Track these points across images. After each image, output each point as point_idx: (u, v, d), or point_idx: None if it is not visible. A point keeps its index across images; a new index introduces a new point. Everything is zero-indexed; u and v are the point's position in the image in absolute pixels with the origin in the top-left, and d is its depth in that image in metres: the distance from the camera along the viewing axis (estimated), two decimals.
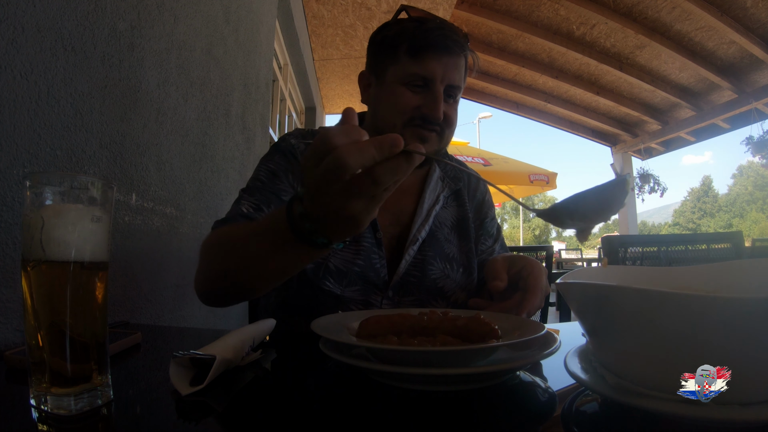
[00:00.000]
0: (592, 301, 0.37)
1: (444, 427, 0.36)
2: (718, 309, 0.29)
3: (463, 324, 0.47)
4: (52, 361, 0.35)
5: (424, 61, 0.78)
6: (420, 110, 0.78)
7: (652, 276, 0.51)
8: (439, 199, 0.89)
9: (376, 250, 0.81)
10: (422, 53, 0.78)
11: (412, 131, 0.79)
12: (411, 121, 0.79)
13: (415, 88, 0.79)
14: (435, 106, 0.77)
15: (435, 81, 0.78)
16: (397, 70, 0.80)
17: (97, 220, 0.38)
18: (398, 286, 0.82)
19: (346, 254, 0.80)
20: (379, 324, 0.48)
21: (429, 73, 0.78)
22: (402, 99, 0.79)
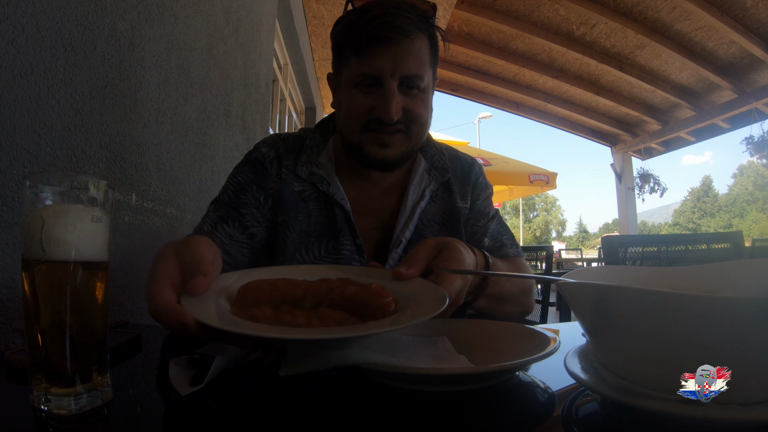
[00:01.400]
0: (592, 301, 0.37)
1: (441, 428, 0.36)
2: (718, 309, 0.29)
3: (353, 294, 0.43)
4: (52, 361, 0.35)
5: (369, 57, 0.70)
6: (374, 112, 0.71)
7: (652, 276, 0.51)
8: (425, 194, 0.82)
9: (357, 257, 0.78)
10: (366, 49, 0.70)
11: (369, 137, 0.74)
12: (367, 126, 0.73)
13: (366, 89, 0.72)
14: (386, 106, 0.70)
15: (384, 77, 0.70)
16: (347, 72, 0.74)
17: (97, 220, 0.38)
18: None
19: (326, 264, 0.77)
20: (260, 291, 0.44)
21: (376, 70, 0.70)
22: (354, 103, 0.73)
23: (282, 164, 0.82)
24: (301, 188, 0.81)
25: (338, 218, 0.79)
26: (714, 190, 39.31)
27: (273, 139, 0.86)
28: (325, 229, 0.79)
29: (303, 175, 0.81)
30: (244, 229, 0.78)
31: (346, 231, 0.79)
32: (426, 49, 0.74)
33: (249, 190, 0.80)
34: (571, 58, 5.74)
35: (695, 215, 38.63)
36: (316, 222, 0.80)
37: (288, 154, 0.83)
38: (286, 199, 0.79)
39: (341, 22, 0.76)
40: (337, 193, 0.80)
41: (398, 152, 0.75)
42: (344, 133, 0.78)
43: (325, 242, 0.78)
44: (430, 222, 0.83)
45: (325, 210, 0.80)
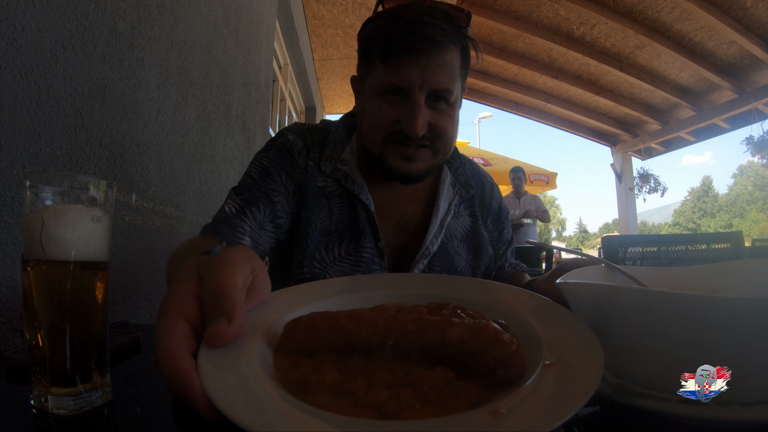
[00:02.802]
0: (592, 301, 0.37)
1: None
2: (718, 309, 0.29)
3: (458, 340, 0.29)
4: (52, 361, 0.35)
5: (398, 67, 0.66)
6: (399, 125, 0.68)
7: (652, 276, 0.51)
8: (450, 208, 0.82)
9: (377, 260, 0.75)
10: (394, 58, 0.66)
11: (393, 149, 0.70)
12: (390, 138, 0.69)
13: (392, 99, 0.68)
14: (412, 121, 0.66)
15: (412, 89, 0.66)
16: (373, 79, 0.70)
17: (97, 220, 0.38)
18: None
19: (345, 266, 0.75)
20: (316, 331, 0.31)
21: (403, 81, 0.66)
22: (379, 113, 0.69)
23: (309, 156, 0.78)
24: (324, 183, 0.78)
25: (361, 219, 0.76)
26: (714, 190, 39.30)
27: (299, 128, 0.82)
28: (347, 229, 0.76)
29: (327, 170, 0.78)
30: (273, 218, 0.73)
31: (369, 233, 0.76)
32: (457, 62, 0.69)
33: (277, 176, 0.75)
34: (571, 58, 5.73)
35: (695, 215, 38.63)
36: (338, 221, 0.76)
37: (314, 146, 0.79)
38: (309, 194, 0.76)
39: (370, 24, 0.72)
40: (362, 192, 0.77)
41: (423, 167, 0.72)
42: (366, 142, 0.75)
43: (346, 243, 0.75)
44: (452, 237, 0.81)
45: (347, 209, 0.77)
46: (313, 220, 0.75)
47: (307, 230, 0.74)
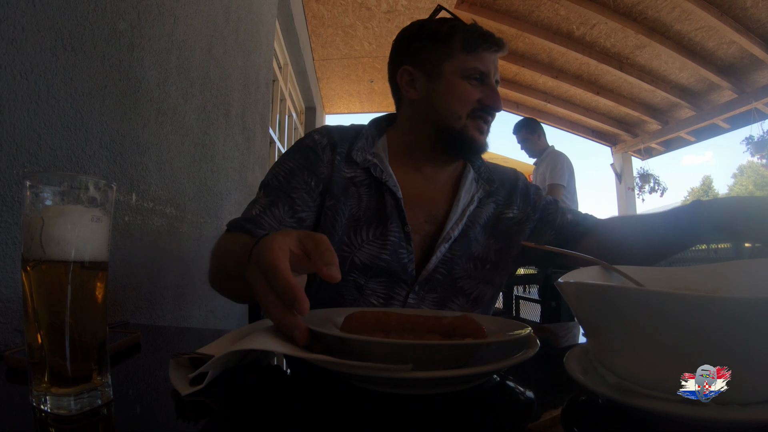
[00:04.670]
0: (592, 301, 0.37)
1: (433, 429, 0.36)
2: (718, 309, 0.29)
3: (449, 322, 0.47)
4: (52, 361, 0.35)
5: (482, 56, 0.83)
6: (481, 101, 0.83)
7: (653, 276, 0.51)
8: (473, 200, 0.89)
9: (404, 244, 0.81)
10: (477, 50, 0.83)
11: (473, 122, 0.84)
12: (473, 113, 0.84)
13: (473, 82, 0.83)
14: (497, 97, 0.84)
15: (490, 75, 0.84)
16: (453, 65, 0.84)
17: (97, 220, 0.38)
18: (424, 282, 0.82)
19: (372, 248, 0.80)
20: (365, 320, 0.47)
21: (486, 68, 0.83)
22: (465, 92, 0.83)
23: (335, 151, 0.86)
24: (353, 174, 0.86)
25: (388, 205, 0.83)
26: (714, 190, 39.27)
27: (326, 129, 0.91)
28: (374, 214, 0.83)
29: (358, 159, 0.86)
30: (293, 213, 0.80)
31: (396, 218, 0.82)
32: None
33: (300, 175, 0.83)
34: (571, 58, 5.73)
35: None
36: (366, 207, 0.83)
37: (342, 142, 0.88)
38: (336, 185, 0.83)
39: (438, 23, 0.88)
40: (389, 179, 0.84)
41: (485, 138, 0.87)
42: (445, 119, 0.85)
43: (373, 227, 0.82)
44: (474, 224, 0.88)
45: (375, 196, 0.84)
46: (340, 208, 0.82)
47: (335, 217, 0.82)
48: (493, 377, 0.45)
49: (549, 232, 0.94)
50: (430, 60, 0.86)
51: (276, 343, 0.41)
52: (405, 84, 0.89)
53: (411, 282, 0.81)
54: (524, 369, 0.50)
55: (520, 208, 0.94)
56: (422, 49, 0.87)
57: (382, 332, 0.46)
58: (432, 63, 0.86)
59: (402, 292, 0.81)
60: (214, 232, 1.47)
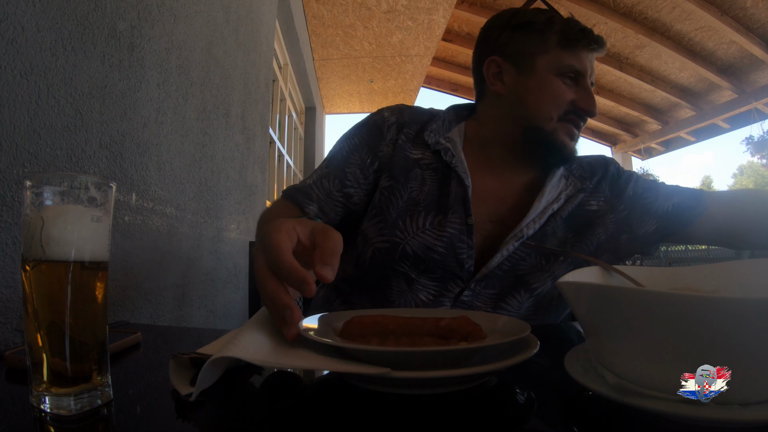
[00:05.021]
0: (592, 301, 0.37)
1: (433, 429, 0.36)
2: (718, 309, 0.29)
3: (446, 324, 0.46)
4: (52, 361, 0.35)
5: (578, 53, 0.76)
6: (575, 104, 0.76)
7: (653, 276, 0.51)
8: (560, 197, 0.80)
9: (465, 238, 0.75)
10: (576, 46, 0.76)
11: (564, 126, 0.77)
12: (565, 115, 0.77)
13: (567, 81, 0.77)
14: (591, 100, 0.77)
15: (585, 75, 0.77)
16: (548, 60, 0.77)
17: (97, 220, 0.38)
18: (482, 279, 0.76)
19: (427, 238, 0.75)
20: (363, 324, 0.47)
21: (582, 67, 0.76)
22: (560, 91, 0.76)
23: (401, 131, 0.82)
24: (421, 155, 0.81)
25: (452, 193, 0.77)
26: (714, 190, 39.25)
27: (398, 107, 0.87)
28: (435, 201, 0.77)
29: (429, 141, 0.81)
30: (342, 187, 0.79)
31: (459, 208, 0.76)
32: None
33: (359, 151, 0.81)
34: None
35: None
36: (428, 192, 0.78)
37: (411, 123, 0.84)
38: (397, 165, 0.80)
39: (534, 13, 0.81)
40: (459, 165, 0.78)
41: (574, 144, 0.80)
42: (536, 119, 0.78)
43: (431, 215, 0.76)
44: (555, 217, 0.80)
45: (440, 182, 0.79)
46: (399, 189, 0.78)
47: (390, 198, 0.78)
48: (492, 377, 0.45)
49: (649, 221, 0.83)
50: (522, 52, 0.79)
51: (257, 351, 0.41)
52: (491, 76, 0.82)
53: (467, 278, 0.76)
54: (524, 369, 0.50)
55: (606, 198, 0.84)
56: (514, 40, 0.80)
57: (380, 336, 0.46)
58: (524, 56, 0.79)
59: (455, 288, 0.76)
60: (214, 232, 1.47)
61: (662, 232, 0.83)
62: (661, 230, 0.83)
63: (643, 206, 0.83)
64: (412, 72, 5.30)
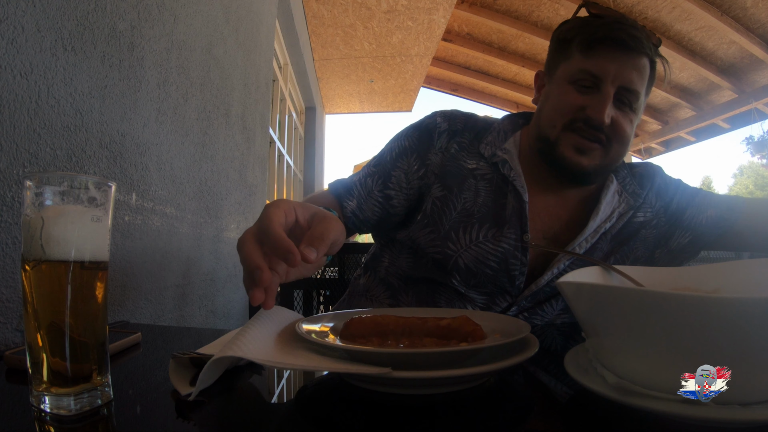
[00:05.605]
0: (592, 301, 0.37)
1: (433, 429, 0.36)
2: (718, 309, 0.29)
3: (446, 324, 0.46)
4: (52, 361, 0.35)
5: (595, 56, 0.69)
6: (584, 112, 0.69)
7: (653, 276, 0.51)
8: (613, 215, 0.77)
9: (519, 254, 0.73)
10: (593, 48, 0.70)
11: (570, 137, 0.71)
12: (572, 124, 0.71)
13: (583, 88, 0.71)
14: (600, 107, 0.68)
15: (605, 80, 0.69)
16: (566, 67, 0.73)
17: (97, 220, 0.38)
18: (530, 295, 0.74)
19: (481, 252, 0.73)
20: (363, 325, 0.47)
21: (599, 70, 0.69)
22: (566, 98, 0.71)
23: (453, 139, 0.80)
24: (475, 166, 0.79)
25: (509, 207, 0.75)
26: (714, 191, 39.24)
27: (453, 113, 0.84)
28: (490, 213, 0.75)
29: (486, 154, 0.79)
30: (383, 188, 0.79)
31: (515, 223, 0.74)
32: (647, 72, 0.72)
33: (408, 155, 0.80)
34: None
35: None
36: (483, 204, 0.76)
37: (465, 132, 0.81)
38: (450, 174, 0.78)
39: (572, 21, 0.77)
40: (517, 179, 0.75)
41: (593, 164, 0.72)
42: (543, 128, 0.75)
43: (486, 228, 0.74)
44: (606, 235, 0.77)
45: (495, 194, 0.76)
46: (452, 200, 0.76)
47: (443, 209, 0.76)
48: (492, 377, 0.45)
49: (683, 234, 0.79)
50: (553, 62, 0.77)
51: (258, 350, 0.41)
52: (537, 89, 0.82)
53: (516, 294, 0.74)
54: (524, 369, 0.50)
55: (653, 209, 0.80)
56: (552, 51, 0.79)
57: (380, 337, 0.46)
58: (553, 65, 0.77)
59: (503, 303, 0.74)
60: (214, 232, 1.47)
61: (696, 245, 0.80)
62: (694, 243, 0.80)
63: (682, 220, 0.80)
64: (412, 72, 5.30)
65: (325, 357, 0.42)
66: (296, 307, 1.29)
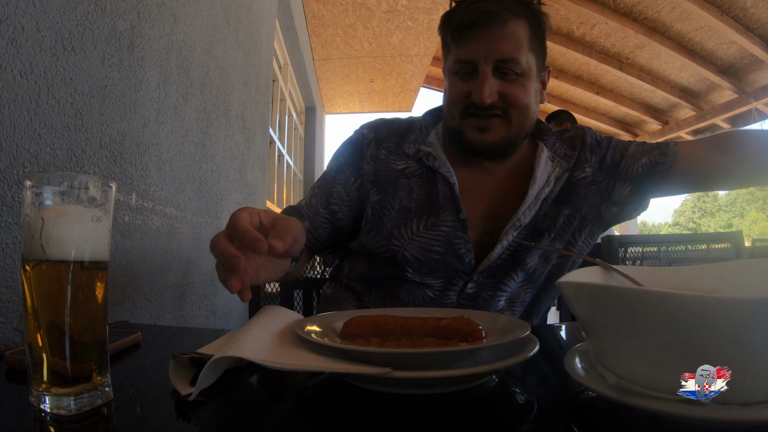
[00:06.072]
0: (592, 301, 0.37)
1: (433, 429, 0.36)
2: (718, 309, 0.29)
3: (446, 324, 0.47)
4: (52, 361, 0.35)
5: (463, 43, 0.73)
6: (470, 97, 0.73)
7: (653, 276, 0.51)
8: (550, 180, 0.79)
9: (460, 233, 0.76)
10: (461, 36, 0.73)
11: (468, 121, 0.76)
12: (465, 110, 0.75)
13: (465, 75, 0.74)
14: (479, 89, 0.71)
15: (478, 61, 0.72)
16: (449, 61, 0.77)
17: (97, 220, 0.38)
18: (484, 270, 0.77)
19: (423, 240, 0.76)
20: (362, 325, 0.47)
21: (469, 55, 0.72)
22: (453, 89, 0.76)
23: (381, 146, 0.84)
24: (405, 166, 0.83)
25: (441, 193, 0.78)
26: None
27: (377, 123, 0.89)
28: (425, 205, 0.79)
29: (410, 152, 0.83)
30: (327, 205, 0.83)
31: (449, 205, 0.78)
32: (523, 33, 0.72)
33: (345, 170, 0.84)
34: (571, 58, 5.73)
35: (695, 215, 38.62)
36: (418, 198, 0.80)
37: (390, 136, 0.86)
38: (383, 178, 0.82)
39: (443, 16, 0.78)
40: (442, 166, 0.79)
41: (498, 137, 0.76)
42: (447, 120, 0.81)
43: (424, 218, 0.78)
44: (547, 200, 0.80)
45: (427, 186, 0.80)
46: (389, 201, 0.80)
47: (382, 211, 0.80)
48: (492, 377, 0.45)
49: (624, 185, 0.82)
50: (444, 59, 0.81)
51: (258, 350, 0.41)
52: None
53: (470, 272, 0.77)
54: (524, 369, 0.50)
55: (590, 165, 0.82)
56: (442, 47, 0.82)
57: (380, 337, 0.46)
58: (444, 62, 0.81)
59: (459, 282, 0.77)
60: (214, 232, 1.47)
61: (638, 194, 0.83)
62: (636, 192, 0.82)
63: (619, 171, 0.82)
64: (412, 72, 5.30)
65: (325, 357, 0.42)
66: (296, 307, 1.29)
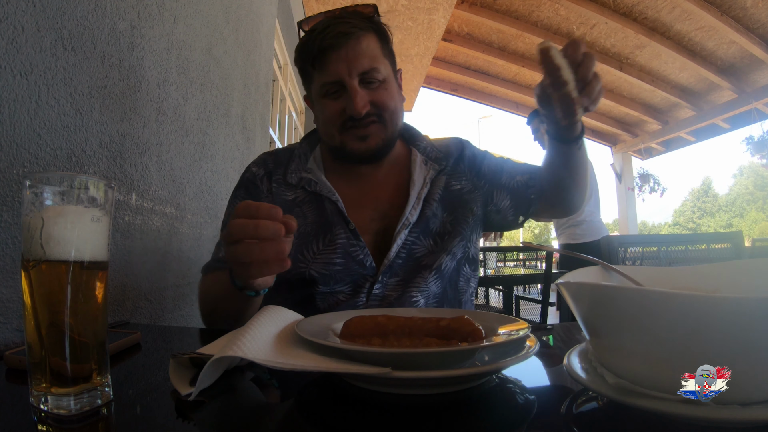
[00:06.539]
0: (592, 301, 0.37)
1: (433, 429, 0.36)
2: (718, 309, 0.29)
3: (446, 324, 0.47)
4: (52, 361, 0.35)
5: (325, 67, 0.79)
6: (345, 113, 0.80)
7: (653, 276, 0.51)
8: (426, 181, 0.88)
9: (354, 241, 0.82)
10: (321, 61, 0.79)
11: (349, 135, 0.81)
12: (344, 126, 0.81)
13: (334, 95, 0.80)
14: (352, 103, 0.78)
15: (344, 79, 0.78)
16: (315, 87, 0.83)
17: (97, 220, 0.38)
18: (387, 270, 0.82)
19: (325, 256, 0.81)
20: (363, 325, 0.48)
21: (334, 75, 0.78)
22: (327, 110, 0.81)
23: (272, 179, 0.90)
24: (294, 196, 0.88)
25: (329, 212, 0.84)
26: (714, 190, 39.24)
27: (262, 158, 0.95)
28: (320, 226, 0.84)
29: (293, 181, 0.88)
30: None
31: (338, 220, 0.83)
32: (375, 44, 0.82)
33: None
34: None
35: (695, 215, 38.59)
36: (312, 222, 0.85)
37: (277, 169, 0.91)
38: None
39: (297, 48, 0.84)
40: (323, 188, 0.86)
41: (379, 141, 0.83)
42: (327, 140, 0.86)
43: (321, 237, 0.83)
44: (430, 201, 0.87)
45: (316, 210, 0.86)
46: None
47: None
48: (493, 377, 0.45)
49: (504, 195, 0.92)
50: (307, 87, 0.87)
51: (258, 350, 0.41)
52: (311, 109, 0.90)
53: (373, 274, 0.82)
54: (524, 369, 0.50)
55: (467, 178, 0.92)
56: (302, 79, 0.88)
57: (381, 336, 0.47)
58: (308, 89, 0.87)
59: (366, 284, 0.82)
60: (214, 232, 1.47)
61: (517, 208, 0.92)
62: (516, 207, 0.92)
63: (497, 182, 0.92)
64: (412, 72, 5.29)
65: (325, 357, 0.42)
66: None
